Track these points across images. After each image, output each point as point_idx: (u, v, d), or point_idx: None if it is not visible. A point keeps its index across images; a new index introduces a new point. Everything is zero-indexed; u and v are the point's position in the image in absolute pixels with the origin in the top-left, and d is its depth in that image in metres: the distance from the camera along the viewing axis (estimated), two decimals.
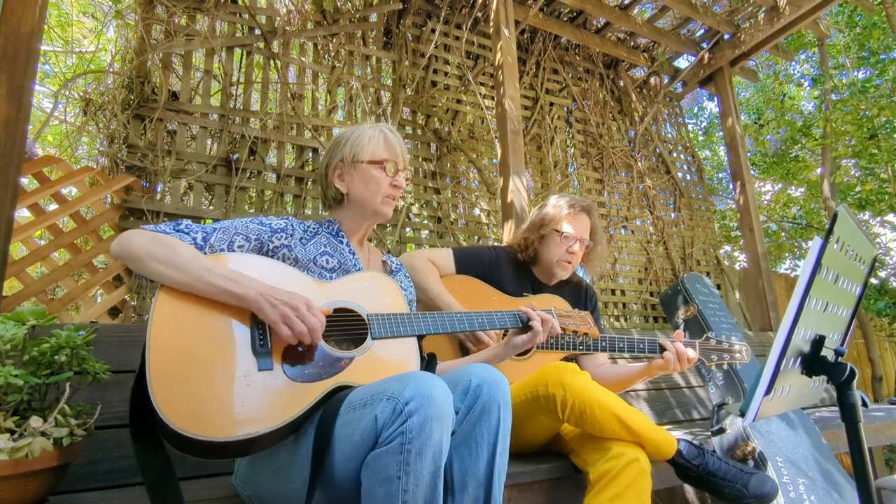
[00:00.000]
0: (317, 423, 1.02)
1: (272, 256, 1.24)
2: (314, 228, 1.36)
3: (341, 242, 1.37)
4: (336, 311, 1.20)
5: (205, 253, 1.15)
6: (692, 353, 1.61)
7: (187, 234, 1.16)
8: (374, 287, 1.30)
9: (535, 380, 1.43)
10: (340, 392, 1.07)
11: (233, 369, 1.02)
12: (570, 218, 1.85)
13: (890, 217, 6.70)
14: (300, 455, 1.02)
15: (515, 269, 1.88)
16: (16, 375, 1.03)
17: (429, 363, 1.32)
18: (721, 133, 7.26)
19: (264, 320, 1.07)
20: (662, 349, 1.61)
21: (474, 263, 1.82)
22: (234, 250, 1.19)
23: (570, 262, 1.83)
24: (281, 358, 1.07)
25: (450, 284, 1.73)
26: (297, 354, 1.09)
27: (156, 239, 1.09)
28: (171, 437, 0.94)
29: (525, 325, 1.41)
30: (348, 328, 1.21)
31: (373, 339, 1.19)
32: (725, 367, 2.14)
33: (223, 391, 0.99)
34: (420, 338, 1.31)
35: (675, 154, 4.72)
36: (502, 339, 1.68)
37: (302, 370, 1.08)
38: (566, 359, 1.81)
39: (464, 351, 1.67)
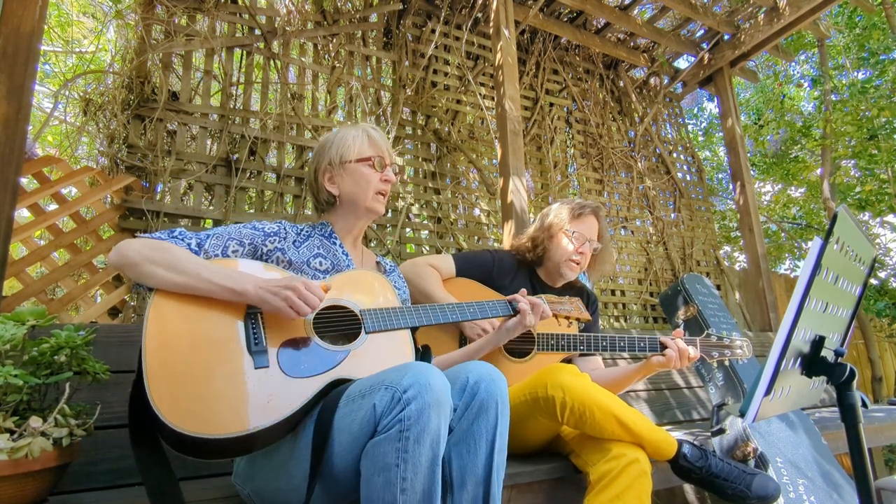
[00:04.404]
0: (316, 417, 1.03)
1: (266, 260, 1.27)
2: (307, 231, 1.38)
3: (334, 244, 1.39)
4: (329, 308, 1.21)
5: None
6: (693, 352, 1.60)
7: (182, 240, 1.18)
8: (365, 284, 1.31)
9: (535, 382, 1.43)
10: (339, 386, 1.08)
11: (229, 368, 1.02)
12: (580, 218, 1.87)
13: (890, 217, 6.70)
14: (300, 449, 1.03)
15: (518, 273, 1.88)
16: (15, 375, 1.03)
17: (423, 355, 1.33)
18: (721, 133, 7.26)
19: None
20: (663, 347, 1.60)
21: (475, 267, 1.82)
22: (228, 255, 1.22)
23: (578, 263, 1.84)
24: (276, 355, 1.08)
25: (451, 287, 1.73)
26: (292, 351, 1.11)
27: (152, 244, 1.12)
28: (170, 438, 0.94)
29: (515, 310, 1.44)
30: (342, 325, 1.22)
31: (366, 332, 1.20)
32: (727, 363, 2.14)
33: (221, 390, 0.99)
34: (414, 330, 1.32)
35: (674, 154, 4.72)
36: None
37: (298, 366, 1.09)
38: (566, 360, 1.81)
39: (463, 344, 1.67)
